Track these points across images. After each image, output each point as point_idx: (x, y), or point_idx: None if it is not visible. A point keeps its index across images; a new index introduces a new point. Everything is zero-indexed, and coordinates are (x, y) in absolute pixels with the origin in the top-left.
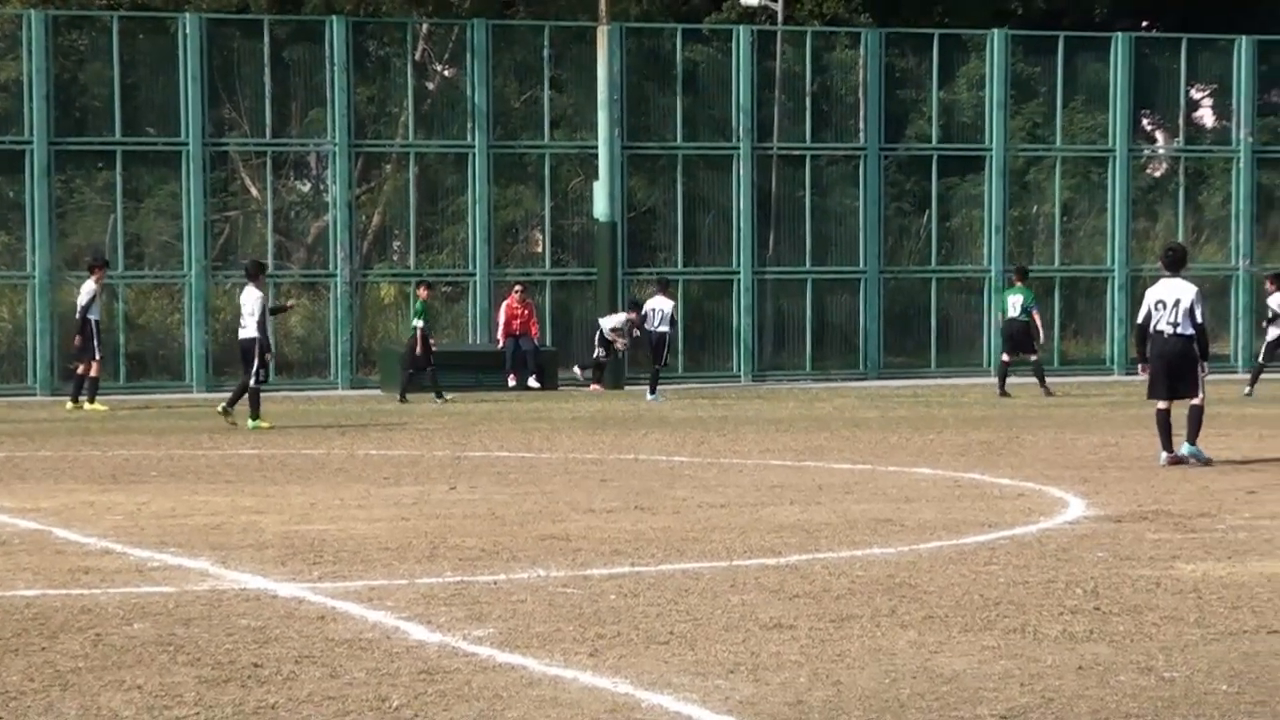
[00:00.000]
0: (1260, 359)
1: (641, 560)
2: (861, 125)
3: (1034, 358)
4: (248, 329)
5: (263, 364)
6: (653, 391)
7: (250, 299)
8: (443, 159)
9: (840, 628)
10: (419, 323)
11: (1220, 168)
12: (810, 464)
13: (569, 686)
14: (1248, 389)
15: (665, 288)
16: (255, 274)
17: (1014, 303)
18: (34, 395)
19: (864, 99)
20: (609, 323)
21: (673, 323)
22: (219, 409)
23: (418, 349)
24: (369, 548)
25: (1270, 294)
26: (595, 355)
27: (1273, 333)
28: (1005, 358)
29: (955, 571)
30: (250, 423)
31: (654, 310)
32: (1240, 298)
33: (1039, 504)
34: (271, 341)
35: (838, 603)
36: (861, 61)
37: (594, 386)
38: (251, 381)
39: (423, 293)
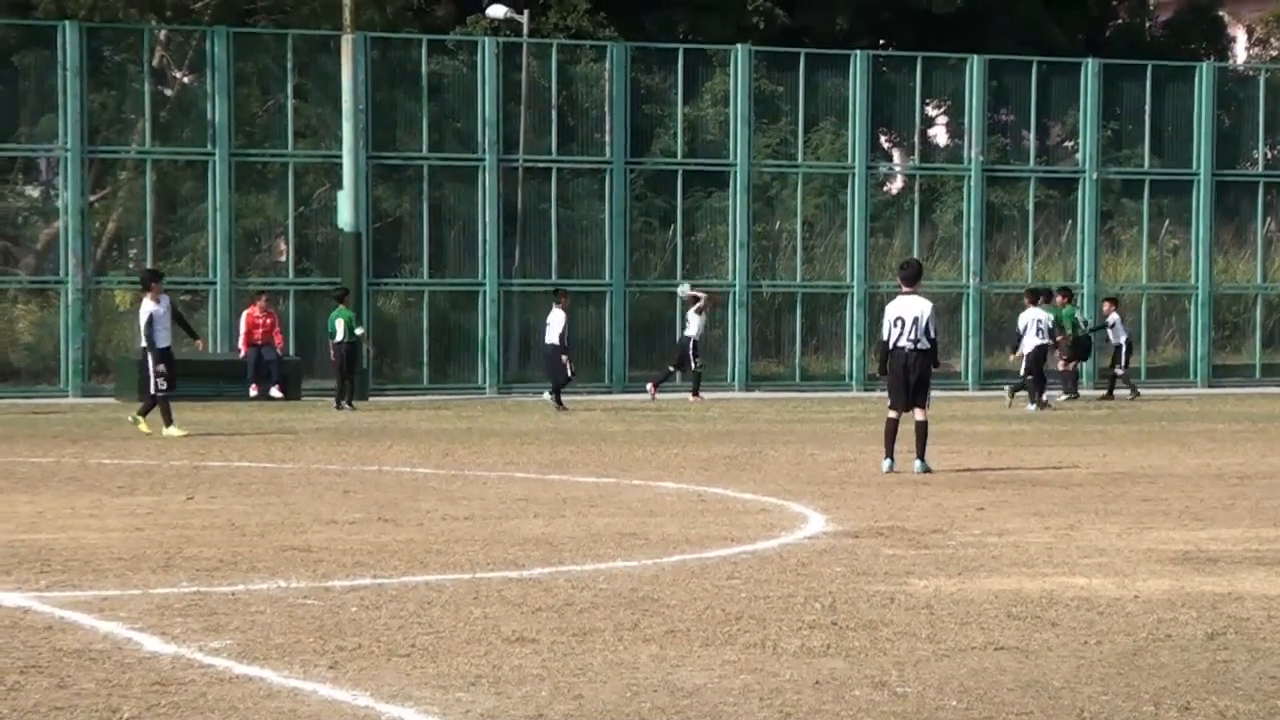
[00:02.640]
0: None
1: (384, 572)
2: (607, 139)
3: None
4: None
5: (158, 373)
6: (559, 405)
7: (144, 309)
8: (181, 166)
9: (582, 641)
10: (360, 330)
11: (953, 185)
12: (555, 477)
13: (308, 699)
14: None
15: (561, 299)
16: (147, 283)
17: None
18: None
19: (610, 113)
20: (693, 324)
21: (560, 336)
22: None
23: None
24: (101, 557)
25: (1026, 308)
26: (696, 365)
27: (1027, 345)
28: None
29: (697, 585)
30: (165, 430)
31: (549, 324)
32: (971, 315)
33: (780, 519)
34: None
35: (580, 616)
36: (607, 75)
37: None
38: (153, 390)
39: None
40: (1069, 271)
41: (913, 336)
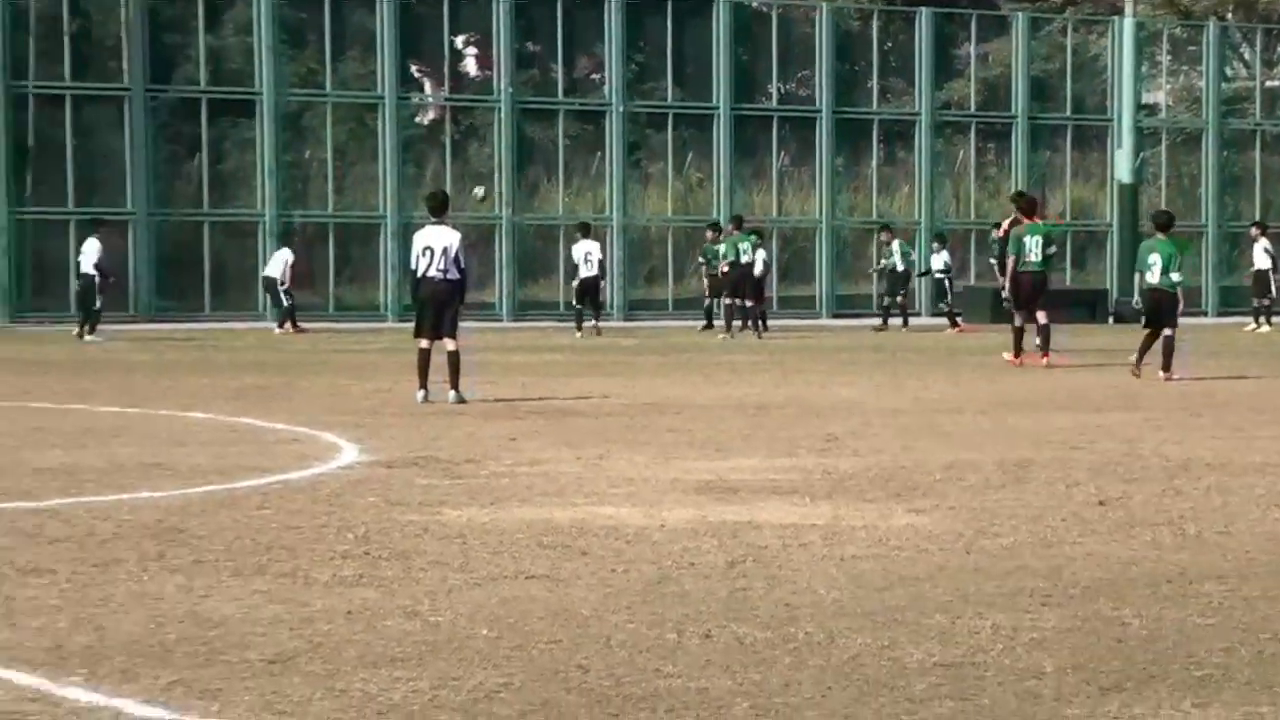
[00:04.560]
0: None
1: None
2: (125, 66)
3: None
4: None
5: None
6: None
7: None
8: None
9: (104, 572)
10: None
11: (484, 118)
12: (75, 407)
13: None
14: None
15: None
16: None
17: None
18: None
19: (127, 39)
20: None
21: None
22: None
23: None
24: None
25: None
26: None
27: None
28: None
29: (227, 516)
30: None
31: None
32: (504, 246)
33: (313, 449)
34: None
35: (102, 547)
36: (123, 1)
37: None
38: None
39: None
40: (599, 204)
41: (441, 266)
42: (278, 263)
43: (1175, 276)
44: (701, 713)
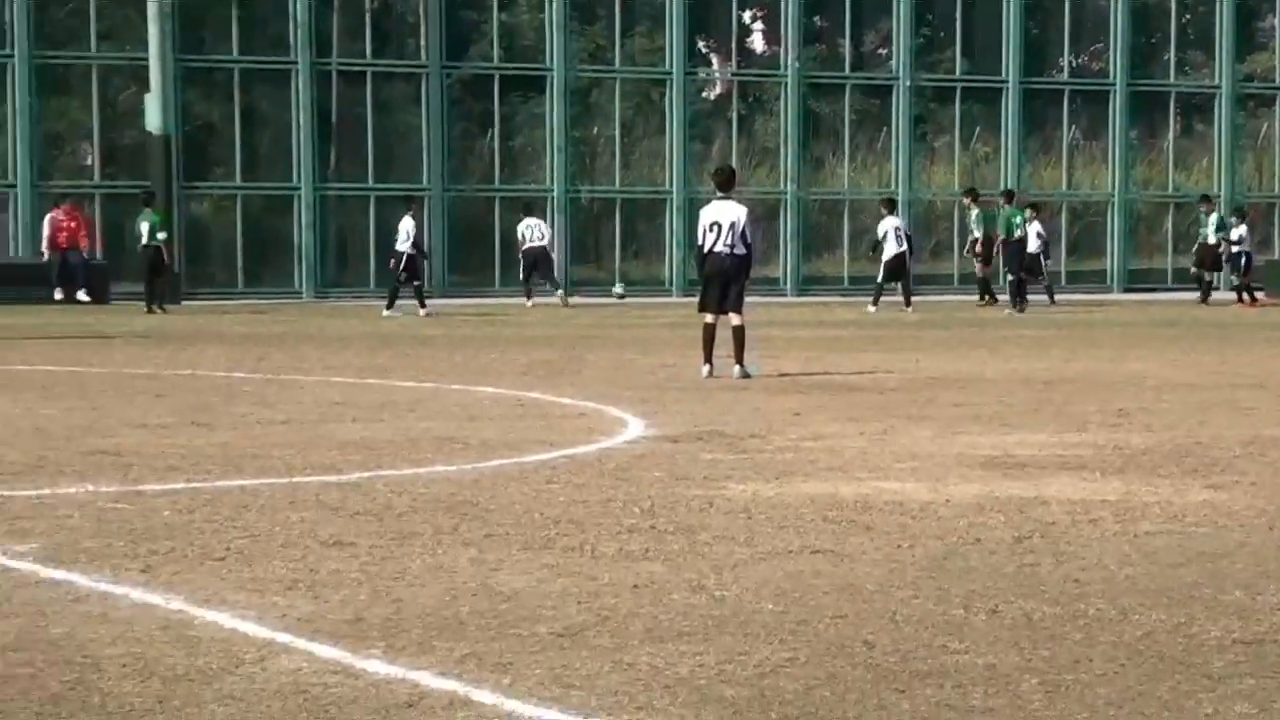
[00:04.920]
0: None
1: (197, 476)
2: (422, 43)
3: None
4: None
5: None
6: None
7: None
8: None
9: (401, 545)
10: (162, 235)
11: (771, 93)
12: (373, 381)
13: (119, 603)
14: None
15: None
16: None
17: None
18: None
19: (425, 16)
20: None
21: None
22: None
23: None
24: None
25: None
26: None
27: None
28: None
29: (516, 490)
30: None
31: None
32: (789, 222)
33: (599, 423)
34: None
35: (399, 520)
36: None
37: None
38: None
39: None
40: (884, 178)
41: (728, 242)
42: (539, 231)
43: None
44: (989, 689)
